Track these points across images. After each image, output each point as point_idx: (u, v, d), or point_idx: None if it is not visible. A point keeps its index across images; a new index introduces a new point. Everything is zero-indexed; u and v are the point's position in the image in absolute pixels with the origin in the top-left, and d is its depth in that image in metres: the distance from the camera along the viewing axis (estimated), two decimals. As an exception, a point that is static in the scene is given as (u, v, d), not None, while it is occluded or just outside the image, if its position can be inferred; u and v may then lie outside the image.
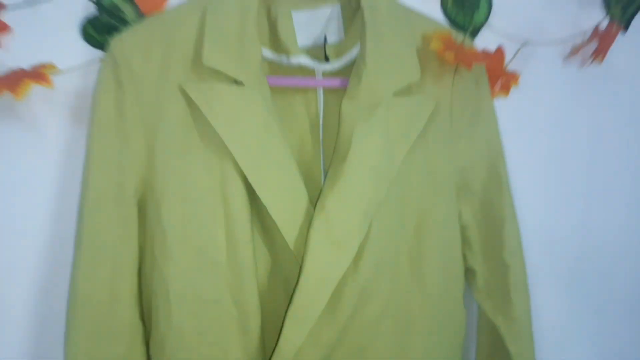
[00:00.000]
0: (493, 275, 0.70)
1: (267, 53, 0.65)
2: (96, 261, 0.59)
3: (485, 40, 0.73)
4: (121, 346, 0.59)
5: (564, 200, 0.81)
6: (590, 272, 0.83)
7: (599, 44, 0.76)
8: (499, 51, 0.70)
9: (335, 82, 0.66)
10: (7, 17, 0.61)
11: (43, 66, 0.60)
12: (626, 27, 0.80)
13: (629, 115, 0.83)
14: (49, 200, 0.66)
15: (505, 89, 0.73)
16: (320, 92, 0.66)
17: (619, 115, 0.82)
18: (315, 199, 0.61)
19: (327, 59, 0.66)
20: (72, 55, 0.64)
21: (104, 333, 0.58)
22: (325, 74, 0.66)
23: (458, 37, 0.68)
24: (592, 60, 0.77)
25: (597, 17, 0.78)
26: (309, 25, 0.66)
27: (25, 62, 0.61)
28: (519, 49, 0.72)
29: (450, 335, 0.69)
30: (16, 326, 0.67)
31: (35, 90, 0.59)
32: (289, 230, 0.59)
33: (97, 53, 0.65)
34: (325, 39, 0.66)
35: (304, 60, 0.64)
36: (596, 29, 0.75)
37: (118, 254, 0.59)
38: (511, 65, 0.72)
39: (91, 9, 0.64)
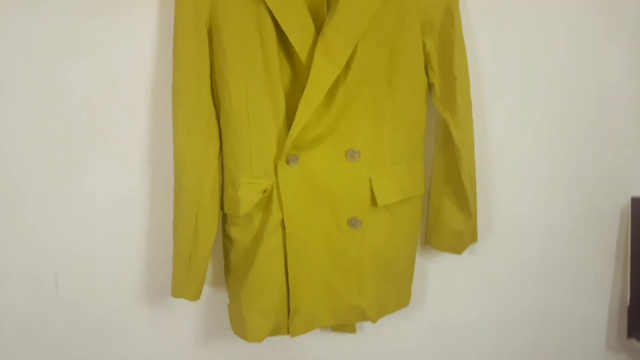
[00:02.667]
0: (445, 85, 1.01)
1: None
2: (186, 67, 0.95)
3: None
4: (204, 116, 0.97)
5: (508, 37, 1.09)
6: (531, 92, 1.12)
7: None
8: None
9: (333, -52, 0.95)
10: None
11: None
12: None
13: None
14: (155, 31, 1.02)
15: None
16: (323, -48, 0.96)
17: None
18: (319, 30, 0.94)
19: None
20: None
21: (194, 109, 0.96)
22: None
23: None
24: None
25: None
26: None
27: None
28: None
29: (413, 125, 1.03)
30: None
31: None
32: (302, 50, 0.93)
33: None
34: None
35: None
36: None
37: (199, 64, 0.95)
38: None
39: None
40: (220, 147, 1.00)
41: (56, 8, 1.00)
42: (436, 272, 1.20)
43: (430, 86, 1.03)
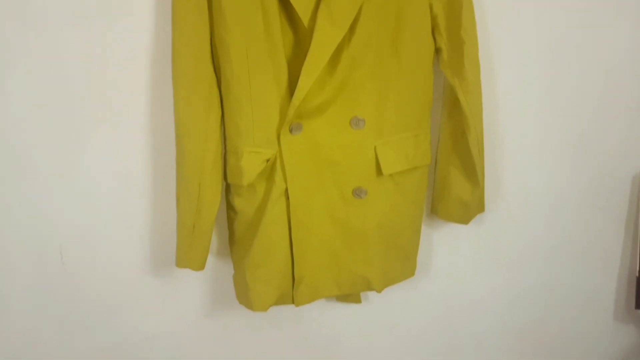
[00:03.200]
0: (453, 49, 0.98)
1: None
2: (185, 33, 0.92)
3: None
4: (205, 84, 0.94)
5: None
6: (543, 60, 1.09)
7: None
8: None
9: None
10: None
11: None
12: None
13: None
14: None
15: None
16: None
17: None
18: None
19: None
20: None
21: (194, 77, 0.94)
22: None
23: None
24: None
25: None
26: None
27: None
28: None
29: (420, 93, 1.00)
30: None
31: None
32: (304, 14, 0.90)
33: None
34: None
35: None
36: None
37: (198, 29, 0.92)
38: None
39: None
40: (222, 117, 0.98)
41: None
42: (442, 243, 1.18)
43: (437, 51, 1.00)
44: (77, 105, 1.03)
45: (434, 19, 0.97)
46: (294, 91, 0.91)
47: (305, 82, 0.91)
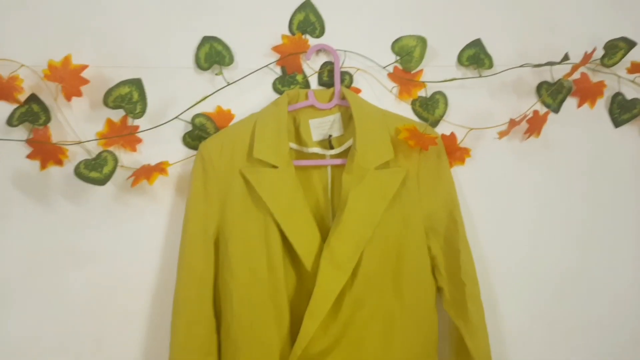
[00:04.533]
0: (455, 291, 0.98)
1: (294, 145, 1.01)
2: (190, 278, 0.95)
3: (445, 129, 1.06)
4: (205, 329, 0.93)
5: (514, 238, 1.09)
6: (542, 291, 1.09)
7: (532, 124, 1.05)
8: (452, 135, 1.03)
9: (337, 162, 1.00)
10: (141, 135, 1.02)
11: (162, 163, 1.00)
12: (557, 110, 1.09)
13: (562, 173, 1.11)
14: (162, 240, 1.03)
15: (461, 159, 1.05)
16: (329, 168, 1.01)
17: (554, 174, 1.10)
18: (325, 236, 0.94)
19: (332, 147, 1.01)
20: (178, 154, 1.04)
21: (194, 322, 0.93)
22: (332, 156, 1.01)
23: (422, 127, 1.01)
24: (528, 136, 1.06)
25: (532, 104, 1.07)
26: (320, 128, 1.02)
27: (151, 160, 1.02)
28: (467, 132, 1.04)
29: (425, 333, 0.97)
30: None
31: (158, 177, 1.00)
32: (307, 259, 0.92)
33: (192, 152, 1.03)
34: (330, 135, 1.02)
35: (317, 149, 1.00)
36: (525, 114, 1.04)
37: (203, 274, 0.95)
38: (466, 143, 1.04)
39: (188, 127, 1.04)
40: (220, 364, 0.94)
41: (65, 217, 1.02)
42: None
43: (439, 290, 1.00)
44: (72, 339, 1.01)
45: (433, 259, 1.00)
46: (295, 335, 0.89)
47: (308, 327, 0.89)
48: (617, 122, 1.11)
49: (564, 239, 1.10)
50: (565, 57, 1.03)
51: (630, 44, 1.06)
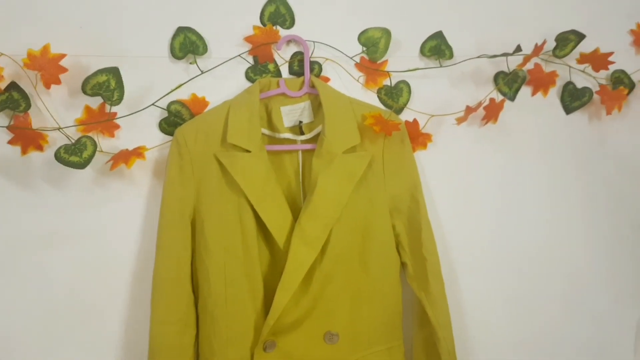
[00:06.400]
0: (417, 265, 1.05)
1: (266, 131, 1.07)
2: (168, 257, 1.00)
3: (409, 115, 1.13)
4: (182, 304, 0.99)
5: (473, 216, 1.17)
6: (501, 265, 1.18)
7: (489, 111, 1.12)
8: (415, 121, 1.10)
9: (308, 146, 1.06)
10: (119, 121, 1.06)
11: (139, 147, 1.04)
12: (513, 98, 1.17)
13: (518, 156, 1.19)
14: (141, 221, 1.08)
15: (423, 144, 1.12)
16: (300, 153, 1.07)
17: (511, 157, 1.18)
18: (297, 216, 1.00)
19: (302, 133, 1.07)
20: (154, 140, 1.08)
21: (173, 297, 0.98)
22: (302, 142, 1.07)
23: (387, 114, 1.07)
24: (486, 122, 1.14)
25: (489, 92, 1.15)
26: (291, 114, 1.08)
27: (129, 145, 1.06)
28: (429, 119, 1.11)
29: (390, 305, 1.05)
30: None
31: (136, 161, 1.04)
32: (279, 238, 0.98)
33: (168, 138, 1.08)
34: (300, 122, 1.08)
35: (288, 135, 1.06)
36: (481, 102, 1.11)
37: (180, 252, 1.00)
38: (428, 129, 1.11)
39: (164, 114, 1.09)
40: (197, 336, 0.99)
41: (46, 200, 1.06)
42: None
43: (403, 265, 1.07)
44: (54, 321, 1.05)
45: (397, 236, 1.07)
46: (269, 308, 0.95)
47: (280, 300, 0.94)
48: (568, 109, 1.20)
49: (521, 217, 1.19)
50: (518, 49, 1.11)
51: (580, 37, 1.14)
